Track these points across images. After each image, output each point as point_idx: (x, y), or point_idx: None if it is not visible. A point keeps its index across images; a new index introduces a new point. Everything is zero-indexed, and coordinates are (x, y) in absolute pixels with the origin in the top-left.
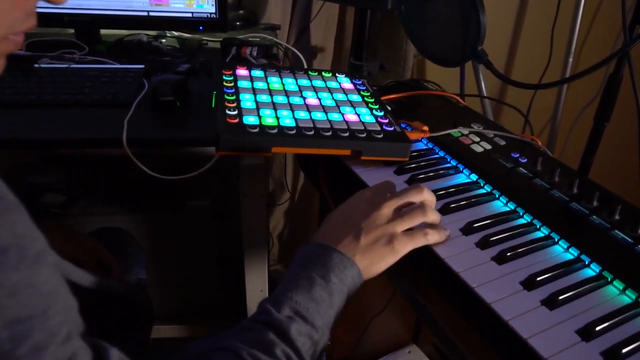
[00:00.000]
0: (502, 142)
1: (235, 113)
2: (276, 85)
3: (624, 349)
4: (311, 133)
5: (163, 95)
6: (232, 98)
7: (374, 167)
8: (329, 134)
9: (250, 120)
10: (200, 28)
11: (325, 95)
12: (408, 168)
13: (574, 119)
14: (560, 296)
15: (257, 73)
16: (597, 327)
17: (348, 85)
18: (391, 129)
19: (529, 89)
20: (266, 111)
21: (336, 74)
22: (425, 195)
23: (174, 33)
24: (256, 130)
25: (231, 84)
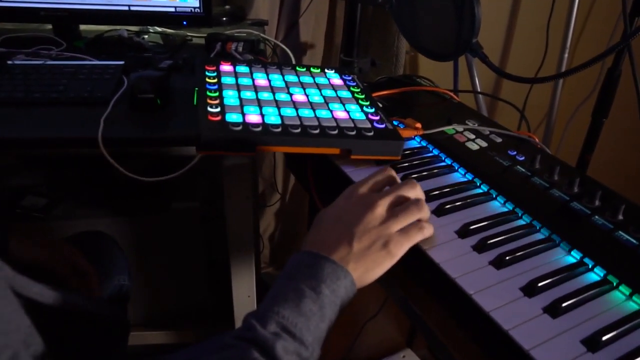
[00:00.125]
0: (499, 140)
1: (217, 110)
2: (262, 82)
3: None
4: (298, 131)
5: (142, 93)
6: (215, 95)
7: (364, 167)
8: (317, 132)
9: (233, 117)
10: (184, 23)
11: (314, 91)
12: (400, 167)
13: (569, 116)
14: (564, 303)
15: (242, 69)
16: (604, 337)
17: (337, 81)
18: (382, 126)
19: (525, 82)
20: (250, 108)
21: (325, 70)
22: (419, 190)
23: (157, 29)
24: (239, 128)
25: (214, 80)
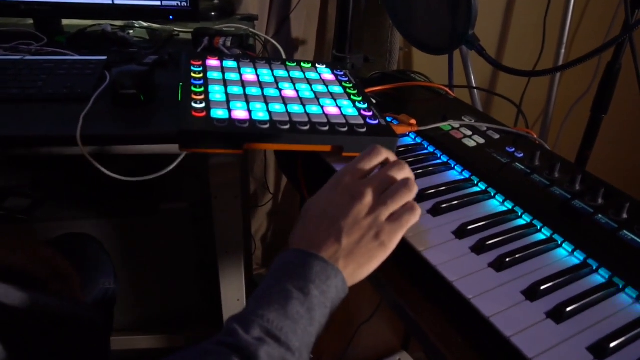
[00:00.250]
0: (496, 136)
1: (202, 106)
2: (250, 77)
3: None
4: (287, 127)
5: (124, 88)
6: (200, 90)
7: None
8: (307, 128)
9: (218, 114)
10: (170, 18)
11: (304, 86)
12: None
13: (565, 113)
14: (568, 307)
15: (230, 64)
16: (612, 344)
17: (329, 76)
18: (375, 122)
19: (523, 76)
20: (237, 104)
21: (316, 65)
22: (407, 171)
23: (143, 24)
24: (225, 124)
25: (200, 75)
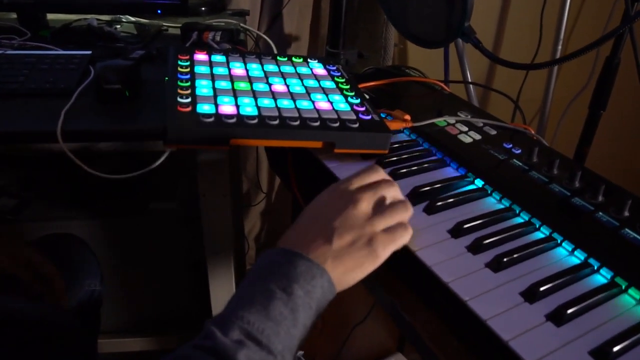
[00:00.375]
0: (493, 132)
1: (188, 101)
2: (239, 71)
3: None
4: (276, 122)
5: (108, 83)
6: (186, 85)
7: (349, 162)
8: (297, 124)
9: (205, 109)
10: (159, 12)
11: (295, 81)
12: (388, 162)
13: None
14: (569, 309)
15: (218, 58)
16: (615, 348)
17: (321, 71)
18: (368, 117)
19: (520, 69)
20: (225, 99)
21: (308, 60)
22: (400, 194)
23: (131, 18)
24: (211, 119)
25: (186, 70)
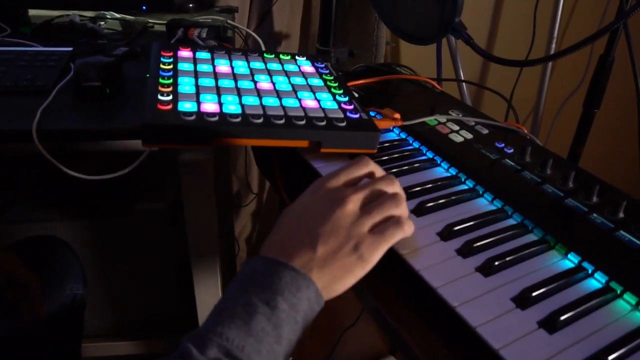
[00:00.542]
0: (485, 131)
1: (169, 99)
2: (224, 68)
3: None
4: (260, 121)
5: (87, 80)
6: (168, 82)
7: (336, 161)
8: (282, 122)
9: (186, 106)
10: (144, 8)
11: (281, 79)
12: (377, 161)
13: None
14: (562, 316)
15: (203, 55)
16: (610, 356)
17: (309, 68)
18: (356, 116)
19: (512, 66)
20: (207, 96)
21: (296, 57)
22: (398, 187)
23: (115, 15)
24: (193, 117)
25: (169, 67)
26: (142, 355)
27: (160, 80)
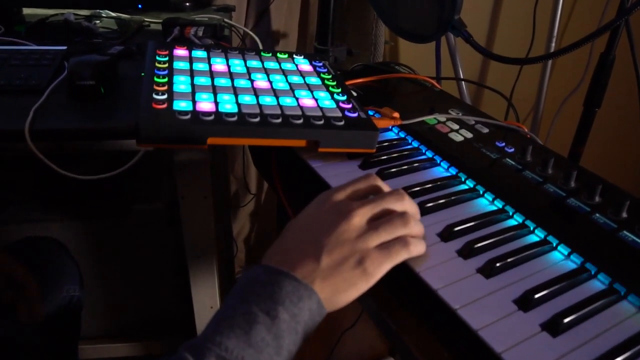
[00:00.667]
0: (485, 130)
1: (164, 97)
2: (220, 67)
3: None
4: (257, 120)
5: (81, 79)
6: (163, 81)
7: (334, 161)
8: (279, 121)
9: (181, 105)
10: (139, 7)
11: (279, 77)
12: (375, 161)
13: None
14: (566, 318)
15: (199, 53)
16: (616, 359)
17: (306, 67)
18: (355, 115)
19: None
20: (203, 95)
21: (293, 55)
22: (407, 203)
23: (111, 13)
24: (188, 117)
25: (164, 65)
26: (140, 357)
27: (155, 79)
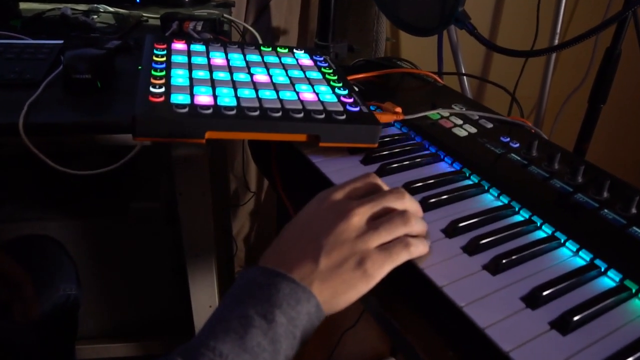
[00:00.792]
0: (489, 125)
1: (161, 91)
2: (219, 61)
3: None
4: (256, 114)
5: (77, 73)
6: (161, 74)
7: (336, 156)
8: (279, 115)
9: (179, 99)
10: (137, 1)
11: (279, 72)
12: (377, 156)
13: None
14: (575, 316)
15: (198, 47)
16: (629, 358)
17: (307, 61)
18: (356, 109)
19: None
20: (201, 89)
21: (294, 50)
22: (408, 201)
23: (109, 8)
24: (185, 110)
25: (162, 59)
26: (138, 357)
27: (153, 72)
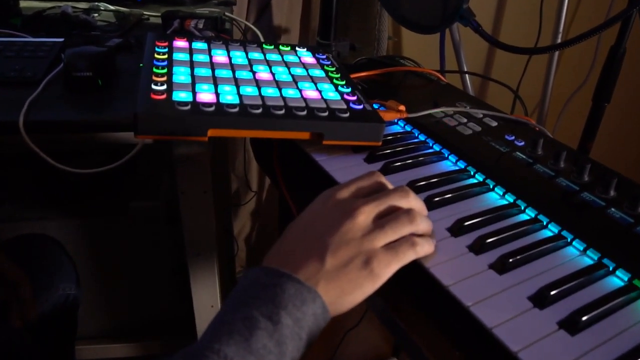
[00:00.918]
0: (494, 123)
1: (163, 88)
2: (221, 59)
3: None
4: (259, 111)
5: (77, 71)
6: (163, 72)
7: (339, 154)
8: (282, 113)
9: (181, 96)
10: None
11: (281, 69)
12: (381, 154)
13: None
14: (584, 316)
15: (199, 45)
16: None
17: (310, 59)
18: (360, 107)
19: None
20: (203, 86)
21: (296, 48)
22: (413, 200)
23: (109, 7)
24: (187, 107)
25: (164, 57)
26: (138, 357)
27: (154, 69)
